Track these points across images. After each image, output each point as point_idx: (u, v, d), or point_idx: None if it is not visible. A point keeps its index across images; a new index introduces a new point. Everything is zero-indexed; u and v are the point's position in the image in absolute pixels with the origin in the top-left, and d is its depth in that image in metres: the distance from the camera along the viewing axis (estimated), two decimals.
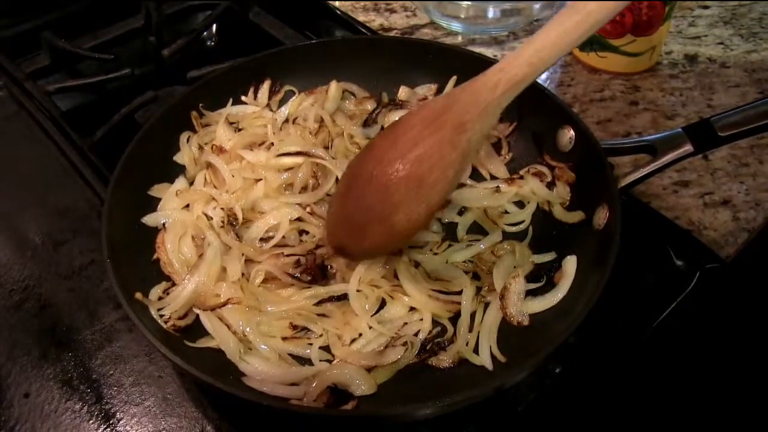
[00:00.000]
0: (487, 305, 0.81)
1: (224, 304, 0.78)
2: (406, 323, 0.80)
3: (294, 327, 0.79)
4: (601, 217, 0.81)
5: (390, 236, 0.76)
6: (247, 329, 0.77)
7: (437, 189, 0.72)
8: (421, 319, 0.80)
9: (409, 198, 0.72)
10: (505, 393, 0.77)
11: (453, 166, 0.71)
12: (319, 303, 0.81)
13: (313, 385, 0.72)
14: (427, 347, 0.78)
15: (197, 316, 0.79)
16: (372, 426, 0.75)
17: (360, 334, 0.79)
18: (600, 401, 0.80)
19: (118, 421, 0.76)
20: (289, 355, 0.78)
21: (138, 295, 0.76)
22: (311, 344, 0.78)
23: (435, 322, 0.80)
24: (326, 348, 0.78)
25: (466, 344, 0.77)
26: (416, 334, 0.79)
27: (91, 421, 0.76)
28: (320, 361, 0.77)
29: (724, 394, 0.84)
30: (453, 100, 0.71)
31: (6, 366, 0.81)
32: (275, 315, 0.80)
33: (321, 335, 0.79)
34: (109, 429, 0.76)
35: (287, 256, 0.84)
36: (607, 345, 0.82)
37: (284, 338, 0.79)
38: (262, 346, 0.77)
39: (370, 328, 0.79)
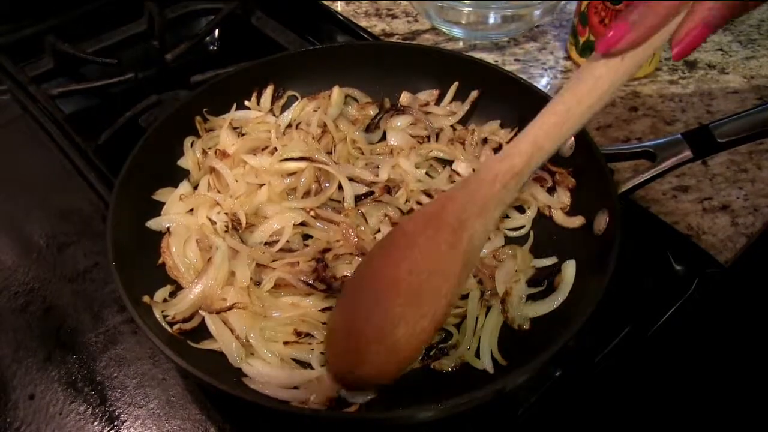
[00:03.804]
0: (488, 309, 0.81)
1: (230, 308, 0.79)
2: None
3: (298, 333, 0.80)
4: (601, 222, 0.82)
5: (393, 356, 0.69)
6: (251, 335, 0.77)
7: (439, 297, 0.67)
8: None
9: (410, 310, 0.66)
10: (506, 396, 0.78)
11: (454, 270, 0.66)
12: (324, 309, 0.82)
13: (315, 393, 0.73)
14: (431, 353, 0.78)
15: (202, 320, 0.80)
16: (374, 429, 0.75)
17: None
18: (600, 405, 0.80)
19: (122, 423, 0.77)
20: (292, 359, 0.78)
21: (146, 298, 0.77)
22: (313, 349, 0.79)
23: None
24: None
25: (468, 348, 0.78)
26: None
27: (95, 423, 0.77)
28: (321, 365, 0.77)
29: (724, 398, 0.84)
30: (448, 199, 0.67)
31: (11, 368, 0.82)
32: (280, 321, 0.80)
33: (323, 341, 0.79)
34: (113, 431, 0.76)
35: (302, 262, 0.84)
36: (607, 349, 0.82)
37: (286, 342, 0.79)
38: (265, 352, 0.77)
39: None
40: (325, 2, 1.41)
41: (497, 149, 0.99)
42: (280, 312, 0.80)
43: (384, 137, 1.04)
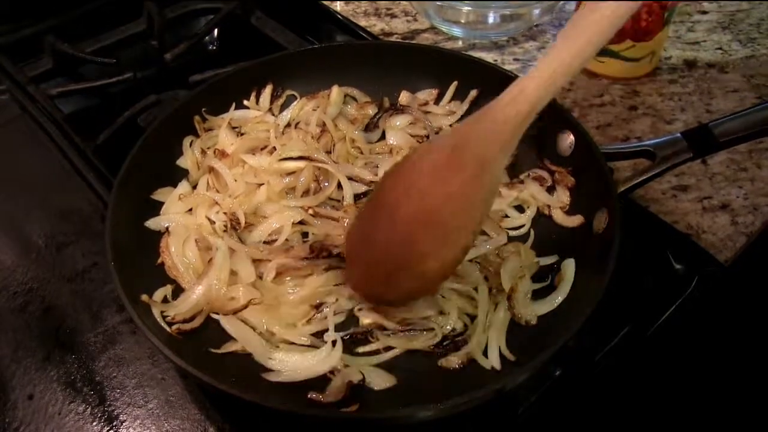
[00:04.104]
0: (495, 306, 0.81)
1: (245, 306, 0.79)
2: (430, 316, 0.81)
3: (314, 307, 0.81)
4: (601, 221, 0.82)
5: (423, 283, 0.73)
6: (273, 326, 0.79)
7: (467, 231, 0.69)
8: (445, 313, 0.81)
9: (437, 246, 0.69)
10: (506, 395, 0.78)
11: (480, 205, 0.68)
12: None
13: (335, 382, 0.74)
14: (445, 343, 0.78)
15: (203, 320, 0.80)
16: (374, 427, 0.76)
17: None
18: (599, 404, 0.80)
19: (121, 423, 0.77)
20: (312, 335, 0.79)
21: (144, 297, 0.77)
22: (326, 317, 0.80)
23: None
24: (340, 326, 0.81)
25: (477, 344, 0.78)
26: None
27: (94, 423, 0.77)
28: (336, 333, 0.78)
29: (723, 397, 0.84)
30: (469, 135, 0.67)
31: (10, 368, 0.82)
32: (294, 303, 0.81)
33: (336, 300, 0.81)
34: (112, 431, 0.76)
35: (297, 247, 0.85)
36: (607, 348, 0.82)
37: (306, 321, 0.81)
38: (291, 339, 0.78)
39: None
40: (324, 2, 1.41)
41: None
42: (290, 295, 0.81)
43: (383, 136, 1.04)
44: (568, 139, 0.91)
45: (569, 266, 0.82)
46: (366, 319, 0.81)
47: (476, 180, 0.66)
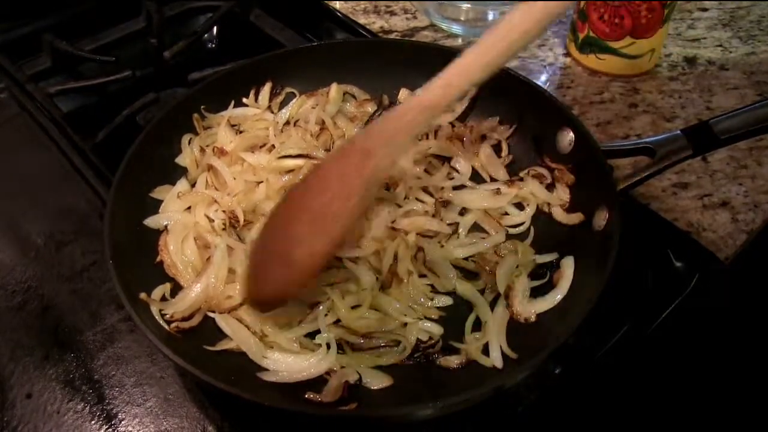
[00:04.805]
0: (493, 306, 0.81)
1: (241, 304, 0.78)
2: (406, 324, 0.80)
3: (310, 306, 0.81)
4: (601, 218, 0.82)
5: (291, 275, 0.73)
6: (266, 326, 0.78)
7: (340, 218, 0.71)
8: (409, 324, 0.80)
9: (312, 231, 0.71)
10: (505, 394, 0.78)
11: (355, 194, 0.70)
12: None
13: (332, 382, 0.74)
14: (416, 355, 0.78)
15: (202, 318, 0.79)
16: (373, 426, 0.75)
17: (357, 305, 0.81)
18: (599, 402, 0.80)
19: (120, 422, 0.77)
20: (305, 336, 0.79)
21: (143, 296, 0.77)
22: (326, 314, 0.80)
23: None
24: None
25: (476, 345, 0.78)
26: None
27: (93, 422, 0.77)
28: (329, 335, 0.78)
29: (724, 394, 0.84)
30: (361, 133, 0.71)
31: (8, 367, 0.82)
32: (292, 302, 0.80)
33: (328, 299, 0.80)
34: (111, 429, 0.76)
35: None
36: (607, 346, 0.82)
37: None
38: (283, 339, 0.78)
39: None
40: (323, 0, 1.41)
41: (496, 146, 0.99)
42: None
43: None
44: (567, 137, 0.91)
45: (569, 264, 0.82)
46: (330, 333, 0.79)
47: (356, 167, 0.70)
